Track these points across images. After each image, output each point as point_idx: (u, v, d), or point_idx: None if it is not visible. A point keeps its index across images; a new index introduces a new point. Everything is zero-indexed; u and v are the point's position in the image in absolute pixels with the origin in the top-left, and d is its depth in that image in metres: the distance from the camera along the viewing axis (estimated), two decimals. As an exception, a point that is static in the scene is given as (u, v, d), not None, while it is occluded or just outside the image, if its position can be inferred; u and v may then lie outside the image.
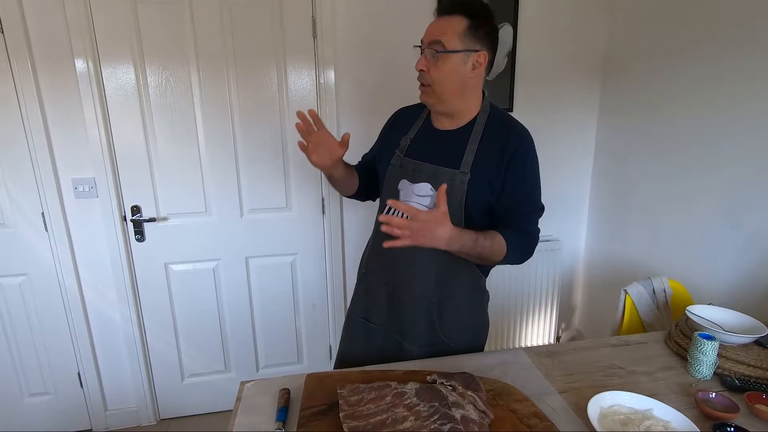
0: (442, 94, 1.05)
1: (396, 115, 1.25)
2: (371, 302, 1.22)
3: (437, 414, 0.81)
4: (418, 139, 1.14)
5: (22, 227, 1.72)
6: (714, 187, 1.59)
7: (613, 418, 0.87)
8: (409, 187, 1.10)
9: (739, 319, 1.17)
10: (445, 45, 1.00)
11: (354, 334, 1.26)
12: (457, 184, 1.05)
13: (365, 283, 1.24)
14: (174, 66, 1.70)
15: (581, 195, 2.25)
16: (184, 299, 1.94)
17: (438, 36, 1.00)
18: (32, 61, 1.59)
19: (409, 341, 1.16)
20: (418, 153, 1.11)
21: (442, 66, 1.02)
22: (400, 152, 1.13)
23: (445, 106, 1.08)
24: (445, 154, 1.08)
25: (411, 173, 1.10)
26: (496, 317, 2.22)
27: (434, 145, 1.11)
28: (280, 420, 0.87)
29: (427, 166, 1.08)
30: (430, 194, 1.07)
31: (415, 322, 1.15)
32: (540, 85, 2.04)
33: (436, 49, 1.00)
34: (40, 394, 1.91)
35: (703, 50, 1.59)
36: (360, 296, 1.26)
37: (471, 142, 1.07)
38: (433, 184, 1.07)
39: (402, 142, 1.14)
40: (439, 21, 1.03)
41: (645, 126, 1.88)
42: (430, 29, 1.03)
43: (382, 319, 1.20)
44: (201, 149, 1.80)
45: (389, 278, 1.17)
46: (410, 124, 1.17)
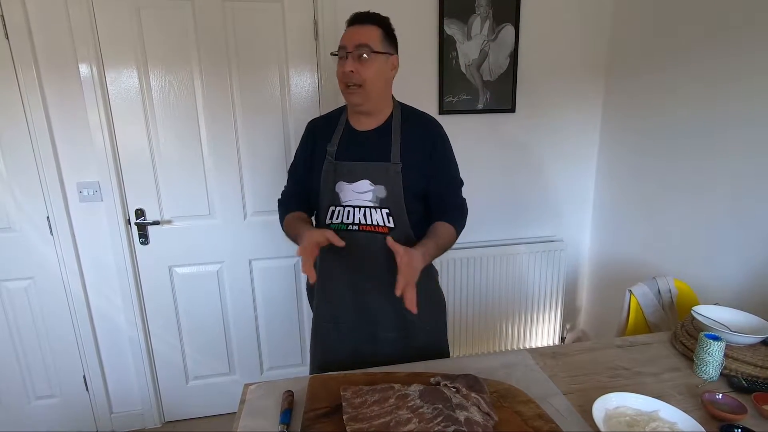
0: (370, 93, 1.14)
1: (312, 126, 1.30)
2: (335, 305, 1.26)
3: (441, 416, 0.80)
4: (343, 142, 1.21)
5: (28, 231, 1.73)
6: (719, 186, 1.58)
7: (619, 419, 0.86)
8: (348, 187, 1.18)
9: (746, 319, 1.16)
10: (372, 47, 1.11)
11: (325, 342, 1.29)
12: (392, 174, 1.15)
13: (323, 289, 1.27)
14: (177, 70, 1.71)
15: (585, 195, 2.24)
16: (188, 302, 1.94)
17: (364, 40, 1.11)
18: (37, 67, 1.60)
19: (382, 328, 1.23)
20: (348, 155, 1.19)
21: (370, 66, 1.12)
22: (331, 157, 1.20)
23: (370, 104, 1.17)
24: (373, 150, 1.17)
25: (347, 174, 1.18)
26: (499, 318, 2.21)
27: (361, 144, 1.20)
28: (284, 422, 0.87)
29: (360, 164, 1.17)
30: (371, 189, 1.16)
31: (382, 309, 1.22)
32: (542, 86, 2.04)
33: (364, 52, 1.10)
34: (47, 397, 1.92)
35: (707, 48, 1.58)
36: (322, 302, 1.28)
37: (394, 135, 1.18)
38: (371, 180, 1.16)
39: (329, 148, 1.21)
40: (357, 29, 1.13)
41: (649, 125, 1.87)
42: (352, 36, 1.12)
43: (350, 318, 1.25)
44: (204, 152, 1.81)
45: (350, 277, 1.22)
46: (330, 131, 1.24)
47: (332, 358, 1.26)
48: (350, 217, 1.18)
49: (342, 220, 1.18)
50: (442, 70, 1.91)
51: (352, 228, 1.17)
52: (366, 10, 1.17)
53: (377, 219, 1.16)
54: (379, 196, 1.16)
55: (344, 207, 1.18)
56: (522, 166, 2.12)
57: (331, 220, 1.20)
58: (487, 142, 2.06)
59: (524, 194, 2.15)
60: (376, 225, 1.16)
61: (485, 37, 1.91)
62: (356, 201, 1.17)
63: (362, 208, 1.17)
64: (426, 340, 1.26)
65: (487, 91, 1.98)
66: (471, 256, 2.09)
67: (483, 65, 1.94)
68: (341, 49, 1.13)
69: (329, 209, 1.20)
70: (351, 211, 1.18)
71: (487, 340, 2.23)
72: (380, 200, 1.16)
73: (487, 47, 1.93)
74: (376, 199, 1.16)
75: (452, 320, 2.15)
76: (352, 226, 1.18)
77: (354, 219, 1.17)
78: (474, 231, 2.15)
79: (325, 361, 1.29)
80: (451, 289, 2.10)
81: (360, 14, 1.16)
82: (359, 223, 1.17)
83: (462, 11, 1.87)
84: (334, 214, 1.19)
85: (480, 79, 1.96)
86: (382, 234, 1.15)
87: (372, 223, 1.16)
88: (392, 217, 1.16)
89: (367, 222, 1.17)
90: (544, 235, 2.23)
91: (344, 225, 1.18)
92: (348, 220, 1.18)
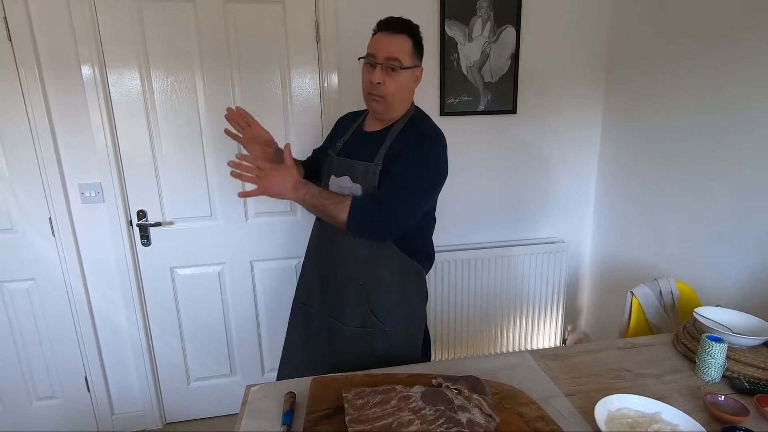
0: (392, 104, 1.18)
1: (340, 121, 1.43)
2: (308, 288, 1.34)
3: (443, 417, 0.81)
4: (349, 140, 1.30)
5: (30, 232, 1.73)
6: (721, 188, 1.57)
7: (621, 421, 0.86)
8: (336, 181, 1.23)
9: (748, 320, 1.16)
10: (402, 62, 1.13)
11: (295, 319, 1.39)
12: (370, 176, 1.18)
13: (306, 272, 1.37)
14: (179, 71, 1.72)
15: (586, 196, 2.24)
16: (189, 303, 1.94)
17: (394, 53, 1.12)
18: (39, 68, 1.60)
19: (342, 321, 1.25)
20: (347, 152, 1.26)
21: (396, 80, 1.14)
22: (333, 152, 1.29)
23: (390, 113, 1.22)
24: (365, 151, 1.21)
25: (336, 168, 1.25)
26: (501, 319, 2.21)
27: (359, 144, 1.26)
28: (286, 424, 0.87)
29: (346, 161, 1.23)
30: (349, 185, 1.21)
31: (345, 303, 1.25)
32: (543, 87, 2.04)
33: (394, 66, 1.12)
34: (48, 398, 1.92)
35: (708, 49, 1.58)
36: (301, 283, 1.38)
37: (387, 139, 1.20)
38: (351, 177, 1.21)
39: (337, 144, 1.31)
40: (389, 38, 1.13)
41: (650, 126, 1.87)
42: (384, 46, 1.13)
43: (318, 302, 1.31)
44: (206, 154, 1.81)
45: (321, 263, 1.29)
46: (348, 128, 1.34)
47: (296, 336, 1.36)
48: None
49: None
50: (443, 71, 1.91)
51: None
52: (398, 17, 1.16)
53: None
54: (355, 193, 1.19)
55: None
56: (523, 167, 2.12)
57: None
58: (488, 144, 2.06)
59: (525, 195, 2.16)
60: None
61: (486, 39, 1.92)
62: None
63: None
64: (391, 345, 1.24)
65: (489, 93, 1.98)
66: (472, 257, 2.09)
67: (484, 67, 1.95)
68: (370, 56, 1.14)
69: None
70: None
71: (488, 342, 2.23)
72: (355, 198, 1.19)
73: (489, 49, 1.93)
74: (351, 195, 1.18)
75: (453, 321, 2.15)
76: None
77: None
78: (475, 232, 2.15)
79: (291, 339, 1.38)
80: (452, 290, 2.10)
81: (393, 21, 1.15)
82: None
83: (463, 13, 1.87)
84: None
85: (481, 81, 1.96)
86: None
87: None
88: None
89: None
90: (545, 237, 2.23)
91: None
92: None
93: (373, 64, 1.13)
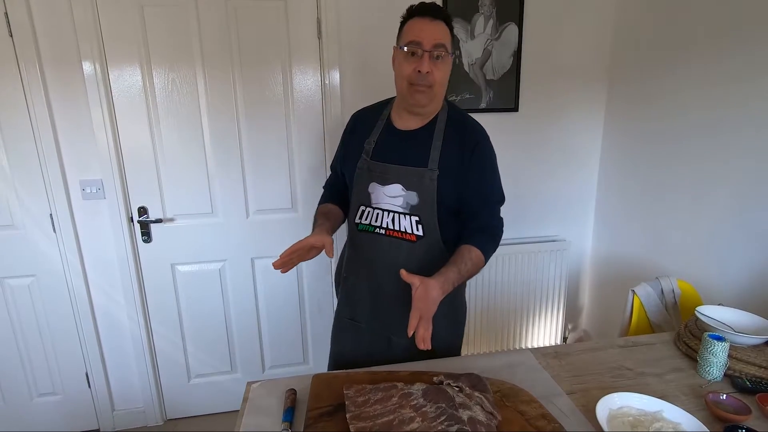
0: (437, 95, 1.09)
1: (355, 119, 1.27)
2: (355, 303, 1.24)
3: (444, 415, 0.80)
4: (381, 141, 1.16)
5: (31, 229, 1.73)
6: (723, 187, 1.57)
7: (623, 419, 0.86)
8: (380, 189, 1.13)
9: (750, 319, 1.15)
10: (447, 48, 1.05)
11: (342, 335, 1.29)
12: (427, 182, 1.09)
13: (346, 286, 1.26)
14: (180, 68, 1.71)
15: (588, 194, 2.24)
16: (190, 300, 1.94)
17: (441, 40, 1.04)
18: (40, 65, 1.60)
19: (398, 335, 1.19)
20: (384, 155, 1.15)
21: (443, 68, 1.06)
22: (366, 155, 1.16)
23: (433, 105, 1.12)
24: (411, 153, 1.12)
25: (380, 176, 1.13)
26: (502, 317, 2.21)
27: (399, 145, 1.14)
28: (287, 420, 0.87)
29: (394, 167, 1.12)
30: (402, 194, 1.11)
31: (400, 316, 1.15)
32: (546, 85, 2.03)
33: (440, 53, 1.04)
34: (49, 395, 1.93)
35: (710, 49, 1.57)
36: (344, 299, 1.28)
37: (435, 139, 1.11)
38: (403, 185, 1.11)
39: (366, 146, 1.17)
40: (432, 24, 1.04)
41: (652, 125, 1.87)
42: (429, 32, 1.04)
43: (367, 318, 1.23)
44: (207, 150, 1.81)
45: (371, 278, 1.19)
46: (371, 126, 1.19)
47: (348, 356, 1.24)
48: (378, 219, 1.14)
49: (370, 222, 1.16)
50: (445, 69, 1.90)
51: (378, 231, 1.15)
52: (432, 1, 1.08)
53: (405, 225, 1.12)
54: (410, 202, 1.11)
55: (374, 209, 1.15)
56: (525, 165, 2.11)
57: (360, 220, 1.18)
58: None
59: (527, 194, 2.15)
60: (403, 231, 1.12)
61: (489, 36, 1.91)
62: (386, 204, 1.13)
63: (391, 212, 1.13)
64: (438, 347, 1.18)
65: (491, 91, 1.97)
66: (473, 255, 2.08)
67: (486, 64, 1.94)
68: (413, 43, 1.03)
69: (359, 208, 1.18)
70: (380, 213, 1.14)
71: (490, 340, 2.23)
72: (411, 207, 1.11)
73: (491, 46, 1.92)
74: (406, 205, 1.11)
75: (454, 319, 2.15)
76: (378, 229, 1.15)
77: (382, 222, 1.14)
78: (476, 230, 2.15)
79: (339, 359, 1.28)
80: (453, 288, 2.10)
81: (432, 6, 1.06)
82: (386, 227, 1.14)
83: (465, 10, 1.86)
84: (363, 214, 1.17)
85: (483, 78, 1.95)
86: (409, 242, 1.12)
87: (400, 229, 1.12)
88: (422, 225, 1.11)
89: (394, 227, 1.13)
90: (547, 235, 2.22)
91: (372, 227, 1.15)
92: (376, 223, 1.15)
93: (417, 52, 1.03)
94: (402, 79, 1.07)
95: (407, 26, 1.07)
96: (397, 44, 1.10)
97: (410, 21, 1.07)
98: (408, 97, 1.08)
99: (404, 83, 1.07)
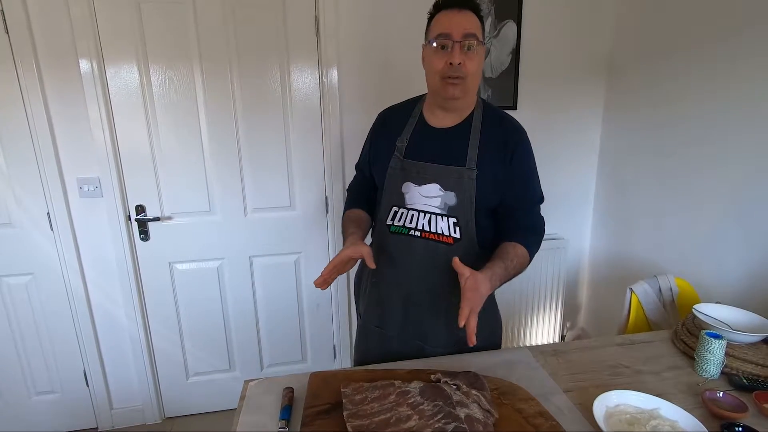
0: (471, 87, 1.04)
1: (384, 117, 1.22)
2: (384, 311, 1.18)
3: (441, 413, 0.80)
4: (415, 139, 1.11)
5: (28, 227, 1.73)
6: (721, 184, 1.57)
7: (620, 417, 0.86)
8: (415, 189, 1.08)
9: (747, 317, 1.15)
10: (478, 38, 1.01)
11: (368, 344, 1.24)
12: (466, 181, 1.05)
13: (377, 292, 1.19)
14: (177, 65, 1.71)
15: (586, 192, 2.24)
16: (188, 298, 1.94)
17: (471, 29, 0.99)
18: (37, 62, 1.59)
19: (431, 344, 1.14)
20: (418, 153, 1.10)
21: (476, 58, 1.01)
22: (399, 154, 1.11)
23: (466, 99, 1.07)
24: (447, 152, 1.07)
25: (415, 175, 1.08)
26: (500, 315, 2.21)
27: (434, 143, 1.09)
28: (284, 419, 0.87)
29: (431, 166, 1.07)
30: (440, 194, 1.06)
31: (435, 325, 1.13)
32: (544, 83, 2.03)
33: (472, 43, 0.99)
34: (47, 393, 1.92)
35: (709, 47, 1.57)
36: (373, 305, 1.21)
37: (472, 137, 1.07)
38: (441, 185, 1.06)
39: (398, 144, 1.12)
40: (460, 15, 1.00)
41: (650, 123, 1.87)
42: (458, 22, 0.99)
43: (398, 327, 1.17)
44: (205, 148, 1.80)
45: (404, 285, 1.13)
46: (402, 124, 1.14)
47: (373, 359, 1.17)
48: (413, 221, 1.09)
49: (404, 224, 1.10)
50: (443, 66, 1.90)
51: (414, 234, 1.09)
52: None
53: (442, 227, 1.07)
54: (448, 203, 1.06)
55: (408, 210, 1.09)
56: (523, 163, 2.11)
57: (393, 222, 1.11)
58: (488, 140, 2.05)
59: (525, 192, 2.15)
60: (440, 234, 1.07)
61: (487, 34, 1.91)
62: (422, 205, 1.08)
63: (428, 213, 1.07)
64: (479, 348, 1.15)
65: (489, 89, 1.97)
66: (471, 253, 2.08)
67: (485, 62, 1.93)
68: (442, 36, 1.00)
69: (392, 209, 1.11)
70: (415, 215, 1.09)
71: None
72: (449, 208, 1.06)
73: (489, 44, 1.92)
74: (444, 205, 1.06)
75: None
76: (414, 231, 1.09)
77: (417, 224, 1.08)
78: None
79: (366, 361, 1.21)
80: (451, 286, 2.10)
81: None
82: (422, 230, 1.08)
83: (464, 8, 1.86)
84: (396, 215, 1.11)
85: (482, 76, 1.95)
86: (446, 244, 1.07)
87: (436, 231, 1.07)
88: (459, 227, 1.06)
89: (430, 229, 1.07)
90: (546, 233, 2.21)
91: (406, 229, 1.09)
92: (410, 225, 1.09)
93: (447, 45, 0.99)
94: (434, 74, 1.03)
95: (435, 21, 1.03)
96: (425, 41, 1.07)
97: (437, 15, 1.03)
98: (441, 91, 1.04)
99: (436, 78, 1.03)
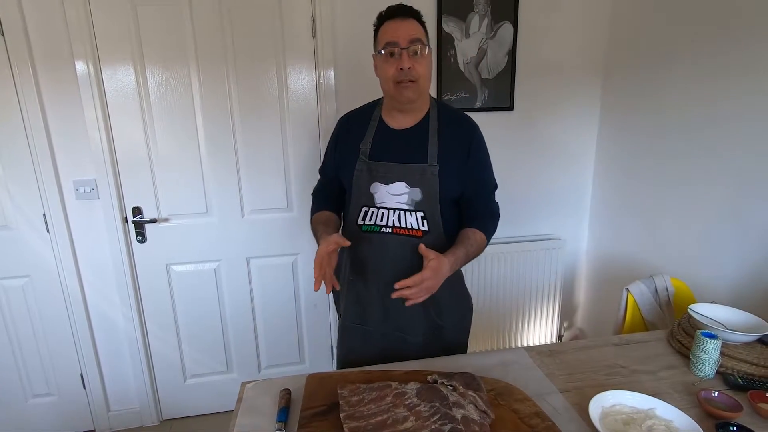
0: (424, 88, 1.12)
1: (343, 123, 1.27)
2: (363, 308, 1.23)
3: (438, 414, 0.81)
4: (377, 141, 1.18)
5: (24, 229, 1.72)
6: (716, 185, 1.58)
7: (615, 417, 0.86)
8: (383, 188, 1.15)
9: (742, 317, 1.16)
10: (423, 42, 1.08)
11: (351, 342, 1.28)
12: (429, 177, 1.12)
13: (355, 291, 1.24)
14: (174, 67, 1.70)
15: (583, 193, 2.25)
16: (185, 300, 1.94)
17: (416, 35, 1.07)
18: (33, 64, 1.59)
19: (411, 333, 1.21)
20: (383, 154, 1.16)
21: (424, 62, 1.09)
22: (364, 156, 1.17)
23: (421, 100, 1.15)
24: (409, 151, 1.15)
25: (382, 175, 1.15)
26: (497, 316, 2.22)
27: (396, 144, 1.16)
28: (281, 420, 0.87)
29: (396, 165, 1.14)
30: (407, 191, 1.13)
31: (414, 316, 1.20)
32: (541, 84, 2.03)
33: (418, 48, 1.07)
34: (44, 395, 1.92)
35: (705, 47, 1.58)
36: (351, 303, 1.26)
37: (431, 136, 1.15)
38: (407, 182, 1.13)
39: (362, 147, 1.17)
40: (404, 23, 1.08)
41: (647, 124, 1.87)
42: (403, 30, 1.07)
43: (378, 322, 1.22)
44: (201, 150, 1.80)
45: (380, 281, 1.18)
46: (363, 128, 1.20)
47: (357, 358, 1.23)
48: (384, 219, 1.15)
49: (375, 222, 1.16)
50: (440, 68, 1.90)
51: (385, 231, 1.15)
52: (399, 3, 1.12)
53: (411, 222, 1.14)
54: (414, 198, 1.13)
55: (378, 208, 1.16)
56: (520, 164, 2.12)
57: (364, 221, 1.17)
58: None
59: (522, 192, 2.15)
60: (410, 228, 1.14)
61: (484, 35, 1.91)
62: (391, 203, 1.15)
63: (397, 210, 1.14)
64: (450, 339, 1.26)
65: (486, 90, 1.98)
66: (469, 254, 2.09)
67: (481, 63, 1.94)
68: (390, 44, 1.07)
69: (362, 209, 1.18)
70: (385, 213, 1.15)
71: (484, 338, 2.23)
72: (415, 203, 1.13)
73: (486, 45, 1.92)
74: (411, 201, 1.13)
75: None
76: (385, 228, 1.15)
77: (388, 221, 1.15)
78: (472, 229, 2.15)
79: (348, 361, 1.27)
80: (448, 287, 2.10)
81: (400, 8, 1.11)
82: (393, 226, 1.15)
83: (460, 9, 1.86)
84: (367, 215, 1.17)
85: (478, 77, 1.96)
86: (416, 238, 1.13)
87: (406, 226, 1.14)
88: (427, 220, 1.14)
89: (401, 225, 1.15)
90: (542, 234, 2.23)
91: (377, 227, 1.16)
92: (381, 222, 1.16)
93: (395, 52, 1.07)
94: (387, 80, 1.10)
95: (381, 31, 1.11)
96: (374, 51, 1.14)
97: (383, 26, 1.11)
98: (397, 95, 1.11)
99: (390, 84, 1.10)
